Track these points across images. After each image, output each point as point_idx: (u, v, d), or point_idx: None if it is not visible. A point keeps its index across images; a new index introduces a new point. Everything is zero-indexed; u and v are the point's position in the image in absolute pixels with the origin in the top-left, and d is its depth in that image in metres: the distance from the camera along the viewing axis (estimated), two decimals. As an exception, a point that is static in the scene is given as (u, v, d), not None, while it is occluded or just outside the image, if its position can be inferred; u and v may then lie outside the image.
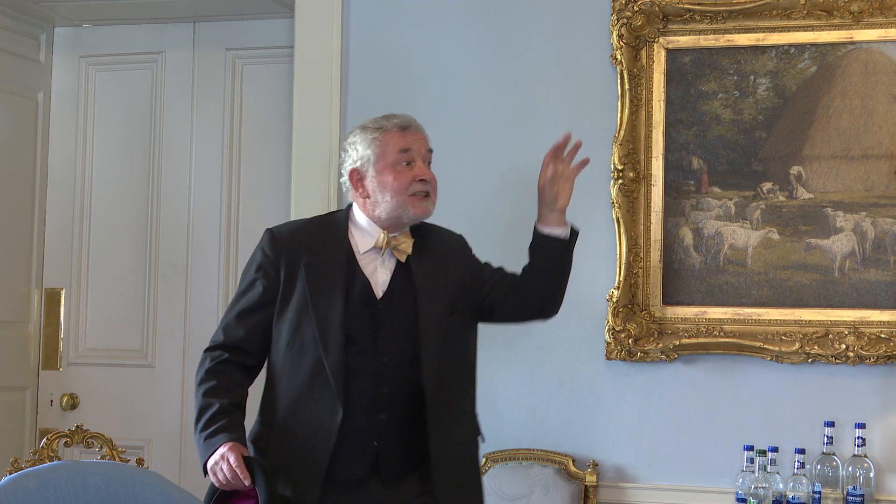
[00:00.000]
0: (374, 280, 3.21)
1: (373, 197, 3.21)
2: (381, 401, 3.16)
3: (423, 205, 3.21)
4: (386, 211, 3.20)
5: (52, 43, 5.34)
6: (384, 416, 3.16)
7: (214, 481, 3.13)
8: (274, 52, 5.07)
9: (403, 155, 3.18)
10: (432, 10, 4.50)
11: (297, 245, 3.22)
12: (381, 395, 3.16)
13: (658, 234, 4.22)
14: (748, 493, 3.98)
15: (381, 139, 3.19)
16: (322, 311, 3.15)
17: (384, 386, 3.17)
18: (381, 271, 3.22)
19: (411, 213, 3.20)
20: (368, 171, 3.20)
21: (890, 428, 4.04)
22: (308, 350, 3.16)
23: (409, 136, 3.21)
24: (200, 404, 3.29)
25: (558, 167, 3.31)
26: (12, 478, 3.34)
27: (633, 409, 4.25)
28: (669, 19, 4.24)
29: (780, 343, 4.10)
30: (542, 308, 3.40)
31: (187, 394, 5.15)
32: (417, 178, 3.18)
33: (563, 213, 3.33)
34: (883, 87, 4.09)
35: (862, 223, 4.09)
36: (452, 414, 3.24)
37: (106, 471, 3.44)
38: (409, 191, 3.18)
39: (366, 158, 3.20)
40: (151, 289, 5.20)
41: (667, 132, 4.24)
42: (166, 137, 5.22)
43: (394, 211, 3.19)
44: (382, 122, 3.22)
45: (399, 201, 3.18)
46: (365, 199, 3.23)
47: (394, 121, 3.22)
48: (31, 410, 5.25)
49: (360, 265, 3.21)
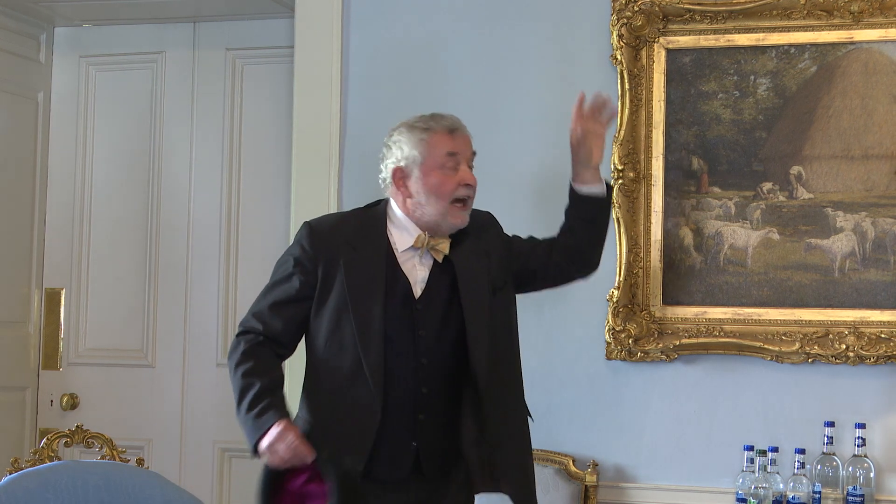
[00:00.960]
0: (413, 278, 3.20)
1: (416, 198, 3.19)
2: (420, 401, 3.16)
3: (461, 215, 3.20)
4: (427, 214, 3.18)
5: (53, 43, 5.34)
6: (423, 417, 3.16)
7: (271, 461, 3.06)
8: (274, 52, 5.07)
9: (451, 158, 3.17)
10: (432, 11, 4.50)
11: (336, 241, 3.20)
12: (420, 396, 3.16)
13: (658, 234, 4.22)
14: (748, 493, 3.98)
15: (430, 140, 3.17)
16: (362, 312, 3.13)
17: (423, 386, 3.17)
18: (420, 269, 3.21)
19: (450, 222, 3.19)
20: (413, 171, 3.18)
21: (890, 428, 4.04)
22: (347, 349, 3.15)
23: (458, 139, 3.19)
24: (241, 385, 3.17)
25: (587, 125, 3.31)
26: (12, 478, 3.34)
27: (633, 409, 4.25)
28: (669, 19, 4.24)
29: (781, 343, 4.10)
30: (585, 263, 3.43)
31: (187, 394, 5.16)
32: (463, 182, 3.17)
33: (598, 170, 3.34)
34: (883, 87, 4.09)
35: (862, 223, 4.09)
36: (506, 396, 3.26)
37: (106, 471, 3.44)
38: (454, 195, 3.17)
39: (412, 159, 3.18)
40: (151, 289, 5.20)
41: (667, 132, 4.24)
42: (166, 137, 5.23)
43: (434, 216, 3.18)
44: (431, 123, 3.20)
45: (442, 206, 3.17)
46: (406, 199, 3.21)
47: (442, 122, 3.19)
48: (31, 410, 5.25)
49: (399, 262, 3.21)
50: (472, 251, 3.26)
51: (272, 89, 5.09)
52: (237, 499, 5.08)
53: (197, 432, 5.12)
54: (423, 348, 3.17)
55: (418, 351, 3.17)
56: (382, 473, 3.15)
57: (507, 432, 3.24)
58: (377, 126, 4.49)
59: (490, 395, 3.18)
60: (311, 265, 3.19)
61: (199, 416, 5.13)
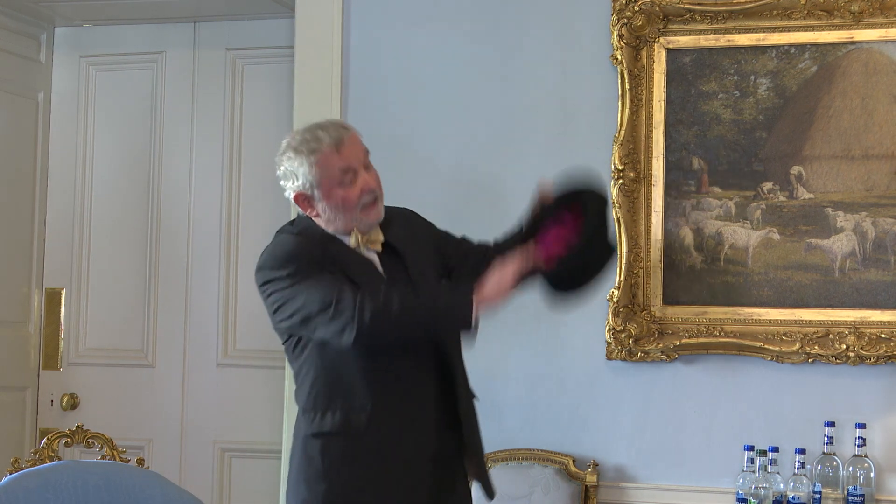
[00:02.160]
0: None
1: (325, 215, 3.20)
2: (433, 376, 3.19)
3: (373, 212, 3.19)
4: (342, 224, 3.19)
5: (53, 43, 5.34)
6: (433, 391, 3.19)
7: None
8: (274, 52, 5.07)
9: (346, 174, 3.16)
10: (432, 11, 4.50)
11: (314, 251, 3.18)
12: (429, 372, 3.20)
13: (658, 234, 4.22)
14: (748, 493, 3.98)
15: (319, 162, 3.15)
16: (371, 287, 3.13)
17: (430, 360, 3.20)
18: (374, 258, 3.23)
19: (365, 223, 3.19)
20: (314, 193, 3.18)
21: (890, 428, 4.04)
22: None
23: (345, 151, 3.16)
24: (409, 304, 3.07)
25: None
26: (13, 478, 3.34)
27: (633, 409, 4.25)
28: (670, 19, 4.24)
29: (781, 343, 4.10)
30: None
31: (187, 394, 5.16)
32: (365, 189, 3.17)
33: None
34: (883, 87, 4.09)
35: (862, 223, 4.09)
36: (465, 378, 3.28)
37: (106, 471, 3.44)
38: (360, 204, 3.17)
39: (308, 183, 3.17)
40: (151, 289, 5.20)
41: (667, 132, 4.24)
42: (166, 137, 5.23)
43: (348, 224, 3.18)
44: (314, 144, 3.17)
45: (351, 216, 3.17)
46: (317, 218, 3.22)
47: (326, 139, 3.16)
48: (31, 410, 5.25)
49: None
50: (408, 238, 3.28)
51: (272, 89, 5.09)
52: (237, 499, 5.08)
53: (197, 432, 5.12)
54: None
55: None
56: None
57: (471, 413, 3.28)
58: (377, 126, 4.51)
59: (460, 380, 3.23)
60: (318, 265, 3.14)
61: (200, 416, 5.13)
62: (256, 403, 5.03)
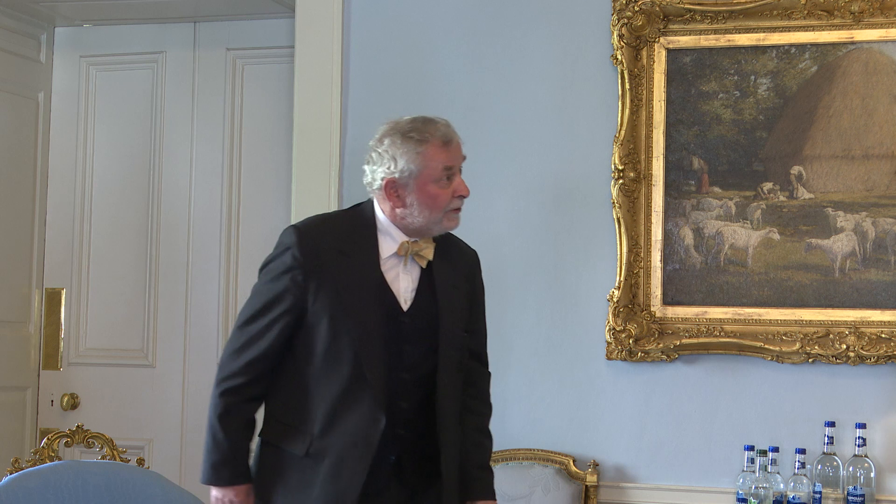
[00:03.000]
0: (397, 287, 3.13)
1: (409, 209, 3.12)
2: (400, 415, 3.10)
3: (456, 218, 3.15)
4: (419, 222, 3.12)
5: (53, 43, 5.34)
6: (403, 431, 3.11)
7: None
8: (274, 52, 5.07)
9: (446, 171, 3.12)
10: (432, 11, 4.50)
11: (326, 246, 3.12)
12: (401, 410, 3.10)
13: (658, 234, 4.22)
14: (749, 493, 3.98)
15: (426, 153, 3.09)
16: (357, 319, 3.06)
17: (404, 401, 3.11)
18: (405, 278, 3.14)
19: (444, 227, 3.14)
20: (409, 184, 3.11)
21: (890, 428, 4.04)
22: (346, 358, 3.06)
23: (452, 151, 3.13)
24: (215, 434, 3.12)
25: None
26: (13, 478, 3.34)
27: (633, 409, 4.25)
28: (670, 19, 4.24)
29: (781, 343, 4.10)
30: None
31: (188, 393, 5.16)
32: (458, 194, 3.13)
33: None
34: (883, 86, 4.09)
35: (862, 223, 4.09)
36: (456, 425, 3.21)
37: (106, 471, 3.44)
38: (449, 207, 3.13)
39: (407, 172, 3.09)
40: (152, 289, 5.20)
41: (667, 132, 4.24)
42: (166, 137, 5.22)
43: (427, 223, 3.12)
44: (426, 135, 3.11)
45: (436, 216, 3.12)
46: (396, 208, 3.13)
47: (437, 133, 3.12)
48: (31, 410, 5.25)
49: (384, 271, 3.13)
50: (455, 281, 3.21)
51: (272, 89, 5.09)
52: (237, 499, 5.07)
53: (197, 432, 5.10)
54: (406, 363, 3.11)
55: (402, 365, 3.11)
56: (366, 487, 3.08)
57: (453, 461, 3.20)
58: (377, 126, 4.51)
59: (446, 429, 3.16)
60: (302, 275, 3.08)
61: (200, 416, 5.10)
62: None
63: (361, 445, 3.05)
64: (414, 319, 3.13)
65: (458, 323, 3.18)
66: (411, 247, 3.14)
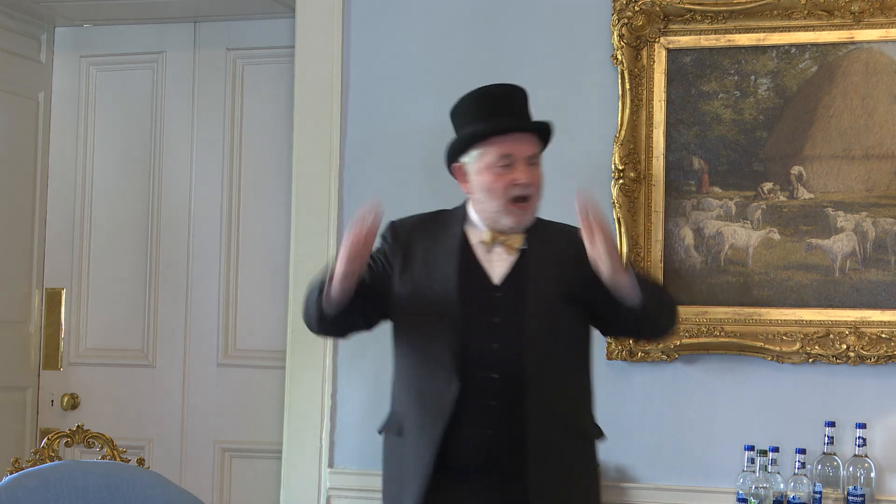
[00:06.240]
0: (490, 267, 3.21)
1: (475, 195, 3.22)
2: (491, 387, 3.14)
3: (518, 214, 3.19)
4: (486, 211, 3.21)
5: (53, 43, 5.34)
6: (495, 403, 3.14)
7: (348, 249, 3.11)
8: (274, 52, 5.07)
9: (503, 160, 3.17)
10: (432, 11, 4.50)
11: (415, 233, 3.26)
12: (492, 381, 3.14)
13: (659, 234, 4.22)
14: (749, 493, 3.98)
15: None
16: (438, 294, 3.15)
17: (494, 371, 3.15)
18: (499, 262, 3.22)
19: (508, 221, 3.19)
20: (471, 169, 3.21)
21: (891, 428, 4.04)
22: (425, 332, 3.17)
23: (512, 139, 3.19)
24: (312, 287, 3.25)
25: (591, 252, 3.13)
26: (13, 478, 3.34)
27: (633, 409, 4.25)
28: (670, 19, 4.24)
29: (781, 343, 4.10)
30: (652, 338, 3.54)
31: (188, 393, 5.16)
32: (515, 181, 3.16)
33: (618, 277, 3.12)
34: (884, 87, 4.09)
35: (863, 223, 4.09)
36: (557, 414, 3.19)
37: (107, 471, 3.44)
38: (508, 195, 3.16)
39: (469, 156, 3.22)
40: (152, 289, 5.20)
41: (667, 132, 4.24)
42: (166, 137, 5.22)
43: (492, 213, 3.19)
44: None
45: (498, 205, 3.17)
46: (469, 195, 3.26)
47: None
48: (31, 410, 5.25)
49: (476, 254, 3.22)
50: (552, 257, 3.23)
51: (272, 89, 5.09)
52: (238, 499, 5.08)
53: (198, 432, 5.12)
54: (496, 335, 3.17)
55: (492, 336, 3.16)
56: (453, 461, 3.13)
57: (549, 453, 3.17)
58: (377, 126, 4.52)
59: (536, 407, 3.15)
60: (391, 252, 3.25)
61: (200, 416, 5.13)
62: (256, 403, 5.03)
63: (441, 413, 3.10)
64: (506, 293, 3.19)
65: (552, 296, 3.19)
66: (495, 237, 3.21)
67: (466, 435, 3.13)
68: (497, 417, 3.14)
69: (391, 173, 4.48)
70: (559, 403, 3.20)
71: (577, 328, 3.28)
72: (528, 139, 3.23)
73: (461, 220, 3.28)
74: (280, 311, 4.82)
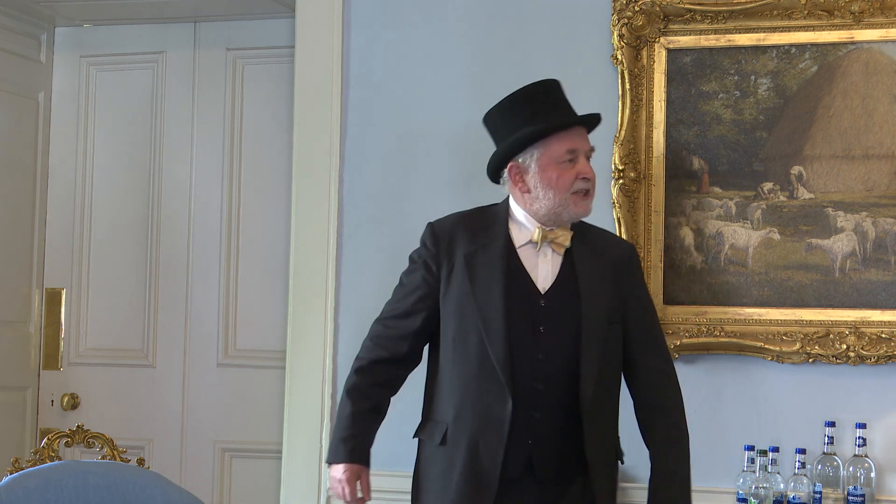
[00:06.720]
0: (536, 274, 3.21)
1: (533, 192, 3.21)
2: (535, 397, 3.14)
3: (584, 203, 3.21)
4: (546, 207, 3.20)
5: (53, 43, 5.34)
6: (538, 415, 3.14)
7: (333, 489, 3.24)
8: (274, 52, 5.07)
9: (569, 154, 3.18)
10: (432, 11, 4.49)
11: (456, 236, 3.24)
12: (535, 392, 3.14)
13: (659, 234, 4.22)
14: (749, 493, 3.98)
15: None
16: (483, 301, 3.14)
17: (539, 382, 3.15)
18: (544, 265, 3.22)
19: (572, 211, 3.20)
20: (531, 166, 3.19)
21: (891, 428, 4.04)
22: (472, 340, 3.15)
23: (574, 134, 3.21)
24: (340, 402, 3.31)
25: None
26: (13, 478, 3.34)
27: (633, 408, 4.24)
28: (670, 19, 4.24)
29: (781, 343, 4.10)
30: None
31: (188, 393, 5.16)
32: (581, 175, 3.17)
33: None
34: (884, 87, 4.09)
35: (863, 223, 4.09)
36: (604, 425, 3.24)
37: (107, 471, 3.44)
38: (573, 188, 3.18)
39: (529, 154, 3.19)
40: (152, 289, 5.20)
41: (667, 132, 4.24)
42: (167, 137, 5.23)
43: (554, 208, 3.19)
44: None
45: (561, 199, 3.18)
46: (524, 194, 3.23)
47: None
48: (31, 410, 5.25)
49: (521, 258, 3.21)
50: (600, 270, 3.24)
51: (272, 89, 5.09)
52: (238, 499, 5.08)
53: (197, 432, 5.12)
54: (542, 343, 3.16)
55: (537, 345, 3.16)
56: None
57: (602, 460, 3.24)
58: (377, 126, 4.51)
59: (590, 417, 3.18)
60: (434, 263, 3.23)
61: (200, 416, 5.13)
62: (256, 403, 5.03)
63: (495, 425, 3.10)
64: (552, 302, 3.18)
65: (600, 311, 3.20)
66: (545, 234, 3.18)
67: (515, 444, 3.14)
68: (540, 429, 3.16)
69: (391, 173, 4.48)
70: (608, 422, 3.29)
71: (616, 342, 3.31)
72: (585, 134, 3.26)
73: (504, 219, 3.27)
74: (280, 312, 4.82)
